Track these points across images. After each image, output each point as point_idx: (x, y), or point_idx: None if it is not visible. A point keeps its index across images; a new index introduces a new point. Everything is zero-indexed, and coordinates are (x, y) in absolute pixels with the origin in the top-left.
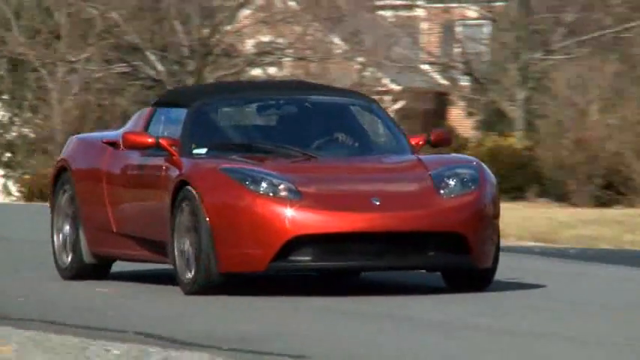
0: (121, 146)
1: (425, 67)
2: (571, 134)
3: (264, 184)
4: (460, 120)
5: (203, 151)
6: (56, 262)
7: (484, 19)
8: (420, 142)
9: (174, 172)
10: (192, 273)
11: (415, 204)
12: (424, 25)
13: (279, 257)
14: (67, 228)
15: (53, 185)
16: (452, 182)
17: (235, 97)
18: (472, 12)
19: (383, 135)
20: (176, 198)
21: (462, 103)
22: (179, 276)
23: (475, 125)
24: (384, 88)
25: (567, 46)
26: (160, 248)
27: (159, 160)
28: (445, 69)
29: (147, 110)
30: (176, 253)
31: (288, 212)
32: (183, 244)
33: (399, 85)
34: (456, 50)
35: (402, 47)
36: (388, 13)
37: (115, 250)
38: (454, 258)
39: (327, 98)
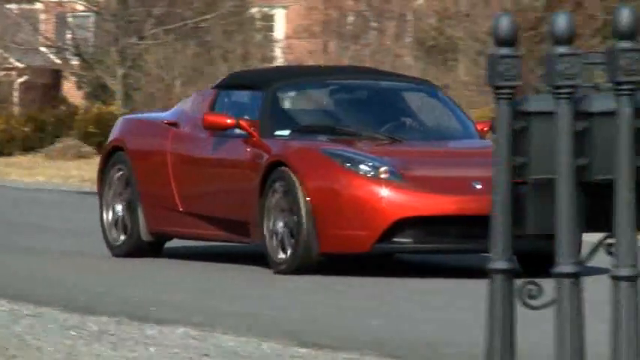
0: (202, 126)
1: (43, 49)
2: (159, 103)
3: (365, 167)
4: (72, 92)
5: (285, 132)
6: (106, 239)
7: (90, 11)
8: (486, 129)
9: (261, 154)
10: (288, 253)
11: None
12: (43, 16)
13: (383, 239)
14: (119, 207)
15: (104, 164)
16: None
17: (310, 80)
18: (80, 5)
19: (452, 120)
20: (267, 179)
21: (73, 79)
22: (270, 256)
23: (84, 96)
24: (10, 66)
25: (156, 34)
26: (239, 228)
27: (236, 141)
28: (59, 51)
29: (209, 92)
30: (266, 233)
31: (393, 195)
32: (275, 225)
33: (23, 63)
34: (68, 36)
35: (25, 33)
36: (14, 6)
37: (180, 229)
38: (545, 244)
39: (395, 84)
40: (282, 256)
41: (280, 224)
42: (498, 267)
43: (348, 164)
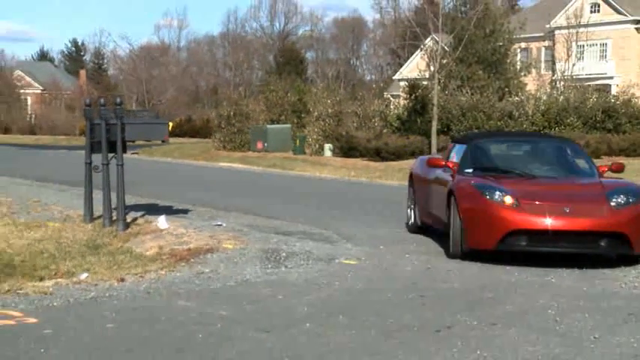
0: (429, 165)
1: None
2: None
3: (495, 195)
4: None
5: (470, 170)
6: (407, 223)
7: None
8: (605, 169)
9: (450, 183)
10: (453, 246)
11: (591, 212)
12: None
13: (502, 241)
14: (412, 205)
15: (409, 182)
16: (619, 198)
17: (495, 138)
18: None
19: (580, 165)
20: (449, 199)
21: None
22: (450, 244)
23: None
24: None
25: None
26: (445, 225)
27: (447, 175)
28: None
29: (450, 145)
30: (450, 231)
31: (509, 214)
32: (452, 227)
33: None
34: None
35: None
36: None
37: (429, 220)
38: (620, 248)
39: (547, 141)
40: (451, 245)
41: (452, 227)
42: None
43: (485, 193)
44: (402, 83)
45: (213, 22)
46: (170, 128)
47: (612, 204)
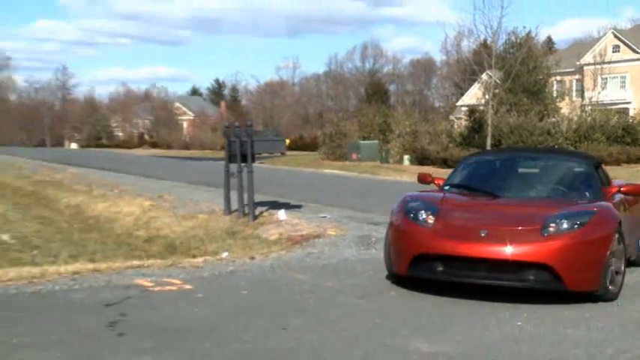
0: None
1: None
2: None
3: (419, 215)
4: None
5: (447, 187)
6: None
7: None
8: (613, 191)
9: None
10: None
11: (514, 238)
12: None
13: (413, 266)
14: None
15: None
16: (560, 224)
17: (488, 156)
18: None
19: (577, 185)
20: None
21: None
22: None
23: None
24: None
25: None
26: None
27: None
28: None
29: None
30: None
31: (421, 236)
32: (384, 248)
33: None
34: None
35: None
36: None
37: None
38: (549, 282)
39: (549, 158)
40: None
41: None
42: None
43: (409, 213)
44: (463, 108)
45: (319, 64)
46: (287, 144)
47: (546, 230)
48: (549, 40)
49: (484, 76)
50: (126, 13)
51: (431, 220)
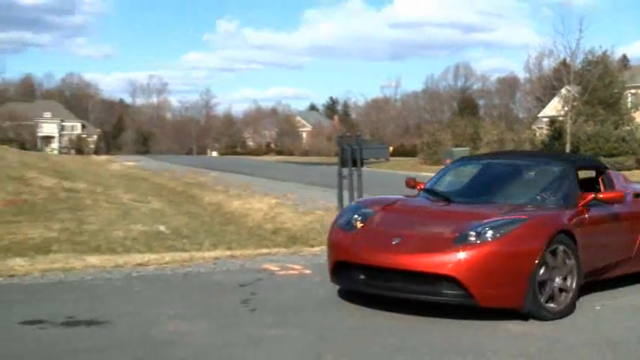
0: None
1: None
2: None
3: (352, 219)
4: None
5: (421, 192)
6: None
7: None
8: (589, 198)
9: None
10: None
11: (425, 247)
12: None
13: (336, 275)
14: None
15: None
16: (478, 233)
17: (469, 162)
18: None
19: (549, 190)
20: None
21: None
22: None
23: None
24: None
25: None
26: None
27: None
28: None
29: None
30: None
31: (342, 243)
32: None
33: None
34: None
35: None
36: None
37: None
38: (461, 297)
39: (524, 162)
40: None
41: None
42: None
43: (341, 216)
44: (544, 119)
45: (418, 82)
46: (390, 151)
47: (462, 239)
48: (624, 57)
49: (563, 91)
50: (258, 44)
51: (359, 225)
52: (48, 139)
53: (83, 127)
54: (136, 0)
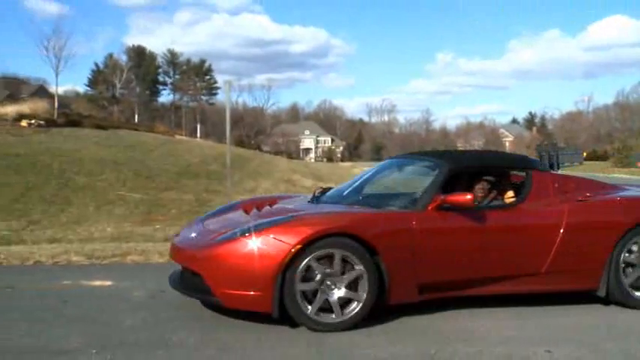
0: None
1: None
2: None
3: (199, 220)
4: None
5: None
6: None
7: None
8: (438, 200)
9: None
10: None
11: (192, 243)
12: None
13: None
14: None
15: None
16: (239, 232)
17: (396, 157)
18: None
19: (409, 191)
20: None
21: None
22: None
23: None
24: None
25: None
26: None
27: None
28: None
29: None
30: None
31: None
32: None
33: None
34: None
35: None
36: None
37: None
38: (206, 295)
39: (408, 162)
40: None
41: None
42: None
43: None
44: None
45: (609, 97)
46: (584, 155)
47: (225, 237)
48: None
49: None
50: (468, 71)
51: (197, 227)
52: (307, 150)
53: (332, 140)
54: (371, 42)
